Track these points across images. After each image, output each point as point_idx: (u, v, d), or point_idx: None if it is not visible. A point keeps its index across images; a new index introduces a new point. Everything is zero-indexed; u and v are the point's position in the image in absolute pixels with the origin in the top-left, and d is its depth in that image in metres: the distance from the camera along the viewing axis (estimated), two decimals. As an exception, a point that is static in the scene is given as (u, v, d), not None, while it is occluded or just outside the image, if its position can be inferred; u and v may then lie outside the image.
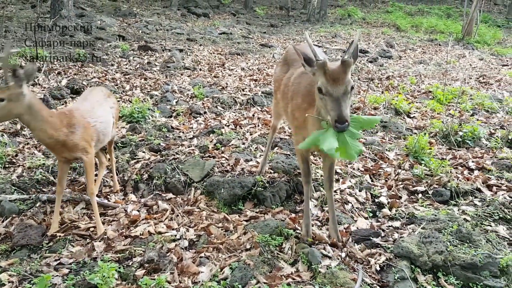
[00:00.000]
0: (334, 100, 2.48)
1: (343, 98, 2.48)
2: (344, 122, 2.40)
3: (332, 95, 2.50)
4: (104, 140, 3.67)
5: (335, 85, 2.51)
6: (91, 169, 3.46)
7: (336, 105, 2.46)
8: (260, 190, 4.02)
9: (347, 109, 2.49)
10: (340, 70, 2.55)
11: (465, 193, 4.10)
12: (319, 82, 2.60)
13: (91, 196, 3.50)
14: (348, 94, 2.53)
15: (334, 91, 2.50)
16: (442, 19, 19.72)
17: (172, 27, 14.07)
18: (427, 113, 6.48)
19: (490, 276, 2.95)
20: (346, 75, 2.54)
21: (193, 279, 2.85)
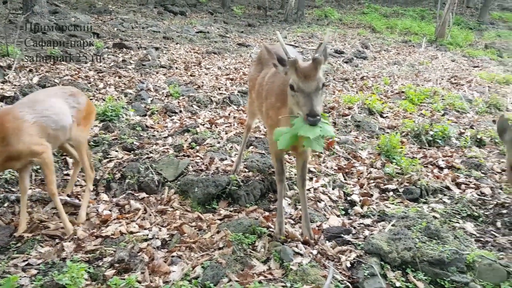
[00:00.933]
0: (306, 96, 2.54)
1: (314, 94, 2.55)
2: (315, 116, 2.47)
3: (303, 92, 2.55)
4: (59, 136, 3.37)
5: (306, 82, 2.56)
6: (48, 169, 3.25)
7: (307, 100, 2.52)
8: (235, 189, 4.02)
9: (319, 105, 2.54)
10: (311, 67, 2.61)
11: (434, 191, 4.21)
12: (291, 80, 2.65)
13: (52, 196, 3.34)
14: (319, 90, 2.59)
15: (306, 87, 2.55)
16: (416, 21, 20.12)
17: (148, 25, 13.91)
18: (399, 113, 6.61)
19: (457, 272, 3.03)
20: (317, 72, 2.60)
21: (164, 278, 2.83)
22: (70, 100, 3.55)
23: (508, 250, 3.41)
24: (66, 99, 3.53)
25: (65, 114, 3.42)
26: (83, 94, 3.78)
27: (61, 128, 3.37)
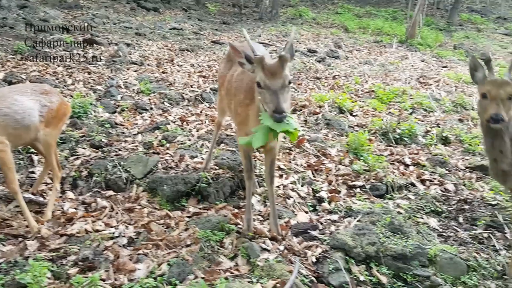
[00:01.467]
0: (272, 93, 2.57)
1: (280, 91, 2.58)
2: (281, 112, 2.51)
3: (270, 89, 2.58)
4: (21, 135, 3.25)
5: (272, 79, 2.59)
6: (6, 168, 3.14)
7: (274, 97, 2.55)
8: (204, 186, 4.02)
9: (285, 102, 2.58)
10: (278, 64, 2.65)
11: (400, 187, 4.32)
12: (257, 77, 2.67)
13: (14, 195, 3.25)
14: (285, 87, 2.62)
15: (272, 84, 2.58)
16: (388, 21, 20.48)
17: (120, 21, 13.67)
18: (369, 111, 6.73)
19: (419, 266, 3.13)
20: (283, 70, 2.64)
21: (129, 276, 2.81)
22: (41, 99, 3.41)
23: (468, 245, 3.54)
24: (37, 97, 3.39)
25: (29, 113, 3.27)
26: (57, 94, 3.64)
27: (23, 128, 3.24)
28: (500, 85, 2.64)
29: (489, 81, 2.72)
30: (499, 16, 24.83)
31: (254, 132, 2.70)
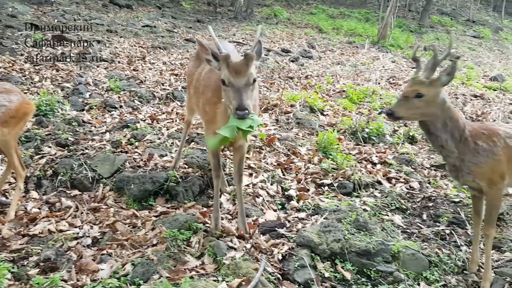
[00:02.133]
0: (236, 91, 2.58)
1: (244, 89, 2.60)
2: (244, 109, 2.52)
3: (234, 86, 2.60)
4: None
5: (237, 77, 2.61)
6: None
7: (237, 95, 2.56)
8: (173, 185, 3.98)
9: (248, 99, 2.60)
10: (243, 63, 2.66)
11: (366, 185, 4.39)
12: (222, 74, 2.68)
13: None
14: (250, 85, 2.63)
15: (236, 82, 2.60)
16: (361, 22, 20.82)
17: (91, 17, 13.40)
18: (339, 111, 6.83)
19: (382, 262, 3.19)
20: (248, 68, 2.65)
21: (92, 276, 2.76)
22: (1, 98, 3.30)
23: (431, 241, 3.63)
24: None
25: None
26: (18, 92, 3.52)
27: None
28: (410, 83, 2.80)
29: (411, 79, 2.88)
30: (468, 19, 25.58)
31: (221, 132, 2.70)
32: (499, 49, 19.71)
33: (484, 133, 2.90)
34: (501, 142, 2.87)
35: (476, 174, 2.89)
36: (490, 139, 2.87)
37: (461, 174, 2.94)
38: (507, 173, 2.90)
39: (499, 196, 3.01)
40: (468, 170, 2.89)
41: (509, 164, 2.88)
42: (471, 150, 2.86)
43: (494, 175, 2.88)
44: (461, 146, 2.86)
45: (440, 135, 2.86)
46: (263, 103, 6.54)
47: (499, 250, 3.60)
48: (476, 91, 9.73)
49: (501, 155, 2.85)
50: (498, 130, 2.93)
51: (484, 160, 2.85)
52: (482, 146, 2.85)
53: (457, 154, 2.88)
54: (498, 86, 10.44)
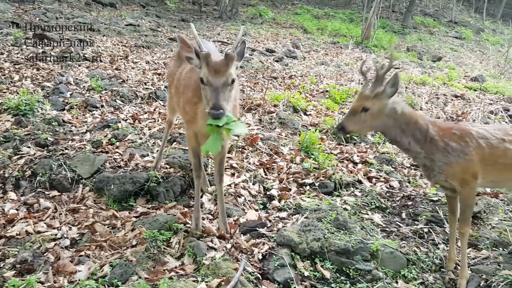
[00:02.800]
0: (214, 90, 2.58)
1: (222, 89, 2.59)
2: (219, 109, 2.51)
3: (212, 85, 2.59)
4: None
5: (216, 76, 2.61)
6: None
7: (214, 94, 2.56)
8: (154, 186, 3.96)
9: (225, 100, 2.59)
10: (223, 62, 2.66)
11: (347, 184, 4.43)
12: (201, 73, 2.67)
13: None
14: (228, 86, 2.64)
15: (215, 81, 2.60)
16: (345, 23, 20.98)
17: (74, 16, 13.21)
18: (322, 111, 6.87)
19: (361, 260, 3.22)
20: (228, 68, 2.65)
21: (69, 278, 2.73)
22: None
23: (410, 239, 3.69)
24: None
25: None
26: None
27: None
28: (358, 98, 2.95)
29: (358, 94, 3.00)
30: (450, 20, 26.01)
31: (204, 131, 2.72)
32: (480, 50, 20.07)
33: (455, 133, 2.94)
34: (474, 142, 2.92)
35: (448, 174, 2.94)
36: (462, 139, 2.92)
37: (433, 174, 2.99)
38: (480, 172, 2.95)
39: (473, 195, 3.06)
40: (439, 169, 2.94)
41: (481, 164, 2.93)
42: (440, 150, 2.91)
43: (467, 175, 2.93)
44: (427, 146, 2.92)
45: (400, 140, 2.96)
46: (246, 103, 6.55)
47: (476, 248, 3.67)
48: (457, 91, 9.88)
49: (473, 155, 2.90)
50: (471, 131, 2.97)
51: (456, 160, 2.90)
52: (453, 146, 2.90)
53: (424, 154, 2.94)
54: (478, 87, 10.62)
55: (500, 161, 2.97)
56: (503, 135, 3.04)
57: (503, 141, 3.00)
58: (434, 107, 8.26)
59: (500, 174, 3.06)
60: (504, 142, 2.99)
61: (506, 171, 3.03)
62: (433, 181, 3.07)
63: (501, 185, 3.32)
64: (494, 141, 2.97)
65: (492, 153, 2.95)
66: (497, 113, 8.07)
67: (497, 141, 2.98)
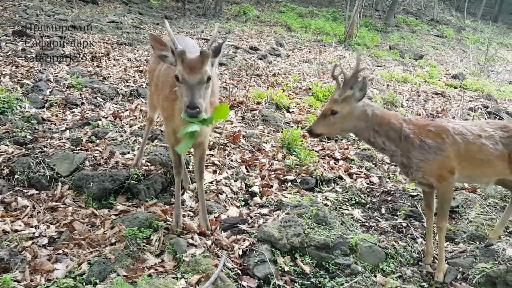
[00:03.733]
0: (189, 88, 2.56)
1: (197, 87, 2.58)
2: (195, 108, 2.50)
3: (187, 83, 2.58)
4: None
5: (191, 74, 2.59)
6: None
7: (190, 92, 2.55)
8: (134, 183, 3.94)
9: (201, 98, 2.58)
10: (198, 60, 2.64)
11: (328, 180, 4.47)
12: (176, 70, 2.65)
13: None
14: (203, 83, 2.62)
15: (190, 79, 2.58)
16: (329, 21, 21.09)
17: (55, 13, 13.00)
18: (304, 108, 6.90)
19: (341, 255, 3.26)
20: (203, 65, 2.63)
21: (47, 276, 2.70)
22: None
23: (388, 234, 3.74)
24: None
25: None
26: None
27: None
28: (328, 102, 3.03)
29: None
30: (432, 19, 26.39)
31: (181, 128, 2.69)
32: (461, 48, 20.41)
33: (431, 130, 2.98)
34: (450, 139, 2.96)
35: (425, 171, 2.98)
36: (438, 136, 2.96)
37: (410, 171, 3.02)
38: (456, 168, 3.01)
39: (450, 190, 3.12)
40: (416, 167, 2.98)
41: (458, 160, 2.98)
42: (416, 147, 2.94)
43: (443, 171, 2.98)
44: (402, 144, 2.95)
45: (374, 141, 3.00)
46: (229, 100, 6.54)
47: (453, 241, 3.75)
48: (437, 89, 10.04)
49: (449, 151, 2.94)
50: (447, 127, 3.02)
51: (432, 157, 2.94)
52: (429, 143, 2.94)
53: (401, 153, 2.98)
54: (458, 84, 10.81)
55: (477, 157, 3.03)
56: (479, 131, 3.10)
57: (479, 136, 3.06)
58: (415, 104, 8.38)
59: (477, 169, 3.11)
60: (480, 138, 3.05)
61: (483, 166, 3.08)
62: (410, 178, 3.10)
63: (477, 180, 3.38)
64: (470, 137, 3.03)
65: (468, 148, 3.00)
66: (476, 110, 8.22)
67: (474, 136, 3.04)
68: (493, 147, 3.05)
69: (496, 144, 3.06)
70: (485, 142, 3.05)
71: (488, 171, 3.14)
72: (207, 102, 2.78)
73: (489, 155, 3.04)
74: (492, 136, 3.10)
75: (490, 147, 3.04)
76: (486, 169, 3.13)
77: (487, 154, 3.04)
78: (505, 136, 3.11)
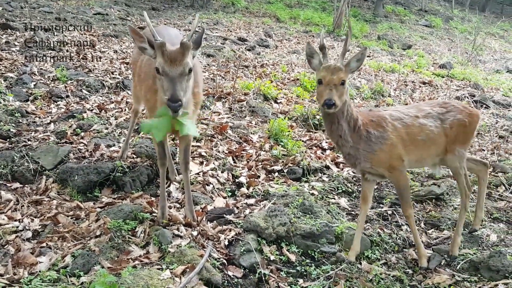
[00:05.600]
0: (170, 80, 2.53)
1: (179, 79, 2.55)
2: (176, 101, 2.47)
3: (168, 75, 2.55)
4: None
5: (172, 66, 2.56)
6: None
7: (171, 84, 2.52)
8: (119, 176, 3.91)
9: (183, 90, 2.55)
10: (179, 51, 2.61)
11: (315, 170, 4.49)
12: (157, 62, 2.62)
13: None
14: (185, 75, 2.59)
15: (171, 71, 2.55)
16: (317, 12, 21.02)
17: (39, 5, 12.80)
18: (292, 99, 6.90)
19: (326, 243, 3.29)
20: (184, 57, 2.60)
21: (30, 270, 2.68)
22: None
23: (374, 221, 3.77)
24: None
25: None
26: None
27: None
28: (333, 71, 2.67)
29: (323, 67, 2.74)
30: (420, 9, 26.42)
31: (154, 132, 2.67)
32: (449, 38, 20.48)
33: (373, 121, 2.94)
34: (390, 127, 2.93)
35: (373, 162, 2.93)
36: (379, 125, 2.93)
37: (358, 162, 2.96)
38: (403, 154, 2.97)
39: (404, 177, 3.05)
40: (364, 158, 2.92)
41: (402, 146, 2.95)
42: (363, 139, 2.88)
43: (392, 160, 2.94)
44: (354, 136, 2.87)
45: (342, 123, 2.82)
46: (216, 91, 6.50)
47: (438, 228, 3.79)
48: (425, 78, 10.09)
49: (392, 139, 2.91)
50: (384, 115, 2.99)
51: (378, 147, 2.89)
52: (374, 133, 2.89)
53: (352, 144, 2.88)
54: (446, 73, 10.87)
55: (419, 138, 3.02)
56: (416, 112, 3.09)
57: (417, 117, 3.04)
58: (402, 94, 8.41)
59: (423, 151, 3.09)
60: (418, 119, 3.04)
61: (426, 146, 3.07)
62: (358, 168, 3.04)
63: (424, 162, 3.30)
64: (408, 120, 3.01)
65: (409, 132, 2.98)
66: (463, 99, 8.28)
67: (411, 119, 3.03)
68: (433, 125, 3.05)
69: (435, 121, 3.06)
70: (423, 122, 3.04)
71: (433, 150, 3.12)
72: (189, 94, 2.75)
73: (430, 133, 3.03)
74: (430, 114, 3.09)
75: (429, 126, 3.03)
76: (431, 149, 3.11)
77: (428, 133, 3.03)
78: (443, 112, 3.12)
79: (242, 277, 2.90)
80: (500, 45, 20.01)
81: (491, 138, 6.32)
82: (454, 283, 2.99)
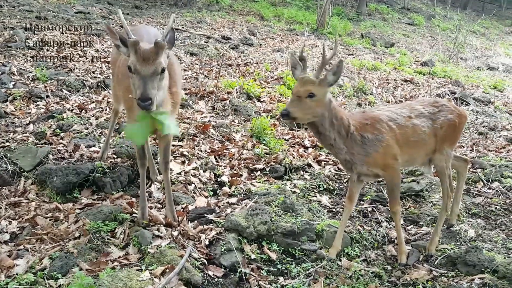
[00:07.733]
0: (141, 79, 2.53)
1: (151, 78, 2.54)
2: (146, 100, 2.46)
3: (140, 74, 2.54)
4: None
5: (144, 65, 2.55)
6: None
7: (142, 83, 2.51)
8: (99, 176, 3.88)
9: (154, 89, 2.55)
10: (152, 50, 2.60)
11: (297, 168, 4.51)
12: (129, 61, 2.60)
13: None
14: (157, 75, 2.59)
15: (143, 70, 2.54)
16: (302, 10, 21.07)
17: (19, 4, 12.56)
18: (275, 97, 6.91)
19: (307, 241, 3.31)
20: (157, 56, 2.59)
21: (7, 273, 2.64)
22: None
23: (354, 218, 3.81)
24: None
25: None
26: None
27: None
28: (304, 83, 2.71)
29: (298, 78, 2.80)
30: (403, 7, 26.66)
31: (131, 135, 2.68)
32: (431, 36, 20.73)
33: (367, 123, 2.95)
34: (385, 127, 2.95)
35: (369, 164, 2.95)
36: (374, 127, 2.94)
37: (354, 166, 2.99)
38: (398, 153, 3.01)
39: (397, 175, 3.09)
40: (361, 162, 2.94)
41: (398, 146, 2.98)
42: (358, 144, 2.89)
43: (388, 160, 2.97)
44: (348, 141, 2.87)
45: (328, 134, 2.82)
46: (199, 90, 6.48)
47: (417, 224, 3.84)
48: (406, 76, 10.20)
49: (387, 140, 2.93)
50: (379, 116, 3.01)
51: (374, 150, 2.91)
52: (369, 137, 2.91)
53: (346, 150, 2.89)
54: (427, 71, 11.01)
55: (412, 139, 3.06)
56: (409, 112, 3.12)
57: (410, 118, 3.09)
58: (384, 92, 8.50)
59: (413, 151, 3.13)
60: (411, 119, 3.08)
61: (417, 146, 3.11)
62: (355, 172, 3.05)
63: (414, 162, 3.35)
64: (402, 121, 3.04)
65: (403, 133, 3.02)
66: (444, 96, 8.40)
67: (405, 119, 3.07)
68: (425, 125, 3.10)
69: (427, 122, 3.11)
70: (416, 122, 3.08)
71: (423, 150, 3.17)
72: (163, 94, 2.74)
73: (422, 134, 3.08)
74: (422, 114, 3.14)
75: (421, 127, 3.08)
76: (422, 149, 3.16)
77: (420, 133, 3.07)
78: (435, 111, 3.18)
79: (223, 277, 2.90)
80: (481, 42, 20.34)
81: (470, 134, 6.44)
82: (432, 279, 3.04)
